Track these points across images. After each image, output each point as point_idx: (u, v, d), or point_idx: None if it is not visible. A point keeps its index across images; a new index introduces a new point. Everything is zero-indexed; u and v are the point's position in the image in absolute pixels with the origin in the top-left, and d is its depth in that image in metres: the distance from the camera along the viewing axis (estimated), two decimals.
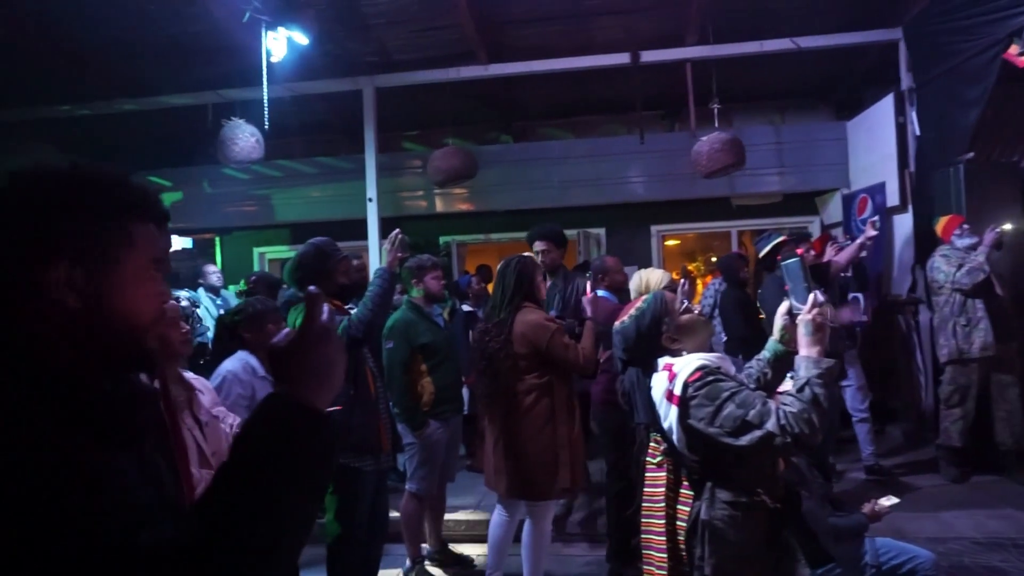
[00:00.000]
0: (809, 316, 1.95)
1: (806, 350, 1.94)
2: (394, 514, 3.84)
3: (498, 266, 3.44)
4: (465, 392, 4.68)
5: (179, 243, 5.00)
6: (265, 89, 5.57)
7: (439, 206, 7.87)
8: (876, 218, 5.43)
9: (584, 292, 3.70)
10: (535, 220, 7.91)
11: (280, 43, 5.38)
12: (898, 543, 2.90)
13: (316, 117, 7.67)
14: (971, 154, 5.29)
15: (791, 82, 7.32)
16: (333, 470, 0.90)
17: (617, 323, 2.32)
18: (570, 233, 7.78)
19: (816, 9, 5.91)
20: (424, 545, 4.01)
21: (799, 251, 4.46)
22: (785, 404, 1.85)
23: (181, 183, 7.93)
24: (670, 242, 8.90)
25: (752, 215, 7.66)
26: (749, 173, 6.84)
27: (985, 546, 3.75)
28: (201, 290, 5.93)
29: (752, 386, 2.15)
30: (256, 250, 8.52)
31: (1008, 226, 5.09)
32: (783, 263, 2.14)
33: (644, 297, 2.30)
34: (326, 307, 0.94)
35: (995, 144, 5.82)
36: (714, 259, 9.09)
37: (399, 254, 3.07)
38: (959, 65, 5.29)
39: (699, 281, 8.64)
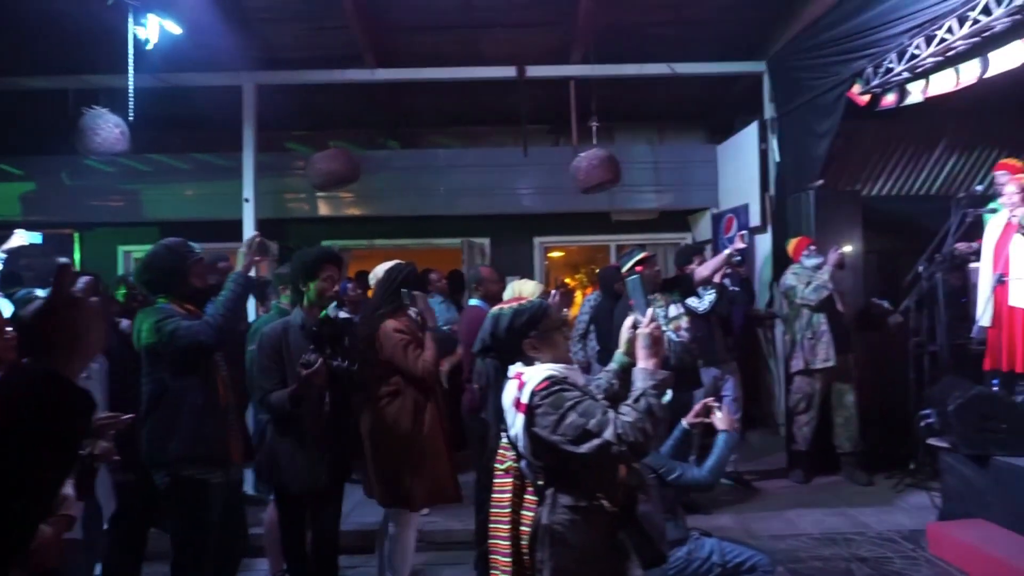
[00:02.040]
0: (647, 330, 2.05)
1: (643, 362, 2.04)
2: (259, 529, 3.71)
3: (374, 273, 3.44)
4: None
5: (25, 238, 4.61)
6: (131, 78, 5.26)
7: (323, 209, 7.70)
8: (744, 232, 5.75)
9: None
10: (421, 227, 7.99)
11: (152, 31, 5.10)
12: (739, 545, 3.08)
13: (194, 111, 7.32)
14: (821, 181, 5.74)
15: (669, 105, 7.68)
16: (81, 438, 0.92)
17: (497, 308, 2.35)
18: (454, 242, 7.87)
19: (693, 38, 6.25)
20: None
21: (639, 268, 4.72)
22: (622, 414, 1.93)
23: (35, 173, 7.35)
24: (553, 254, 9.10)
25: (630, 230, 7.96)
26: (628, 189, 7.12)
27: (821, 541, 4.04)
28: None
29: (601, 397, 2.23)
30: (121, 248, 7.99)
31: (849, 248, 5.54)
32: (627, 279, 2.24)
33: (532, 298, 2.34)
34: (83, 280, 0.94)
35: (841, 173, 6.34)
36: (596, 271, 9.37)
37: (257, 258, 2.98)
38: (813, 99, 5.75)
39: (580, 293, 8.87)
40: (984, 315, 4.83)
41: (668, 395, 2.20)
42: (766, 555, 3.03)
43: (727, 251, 5.18)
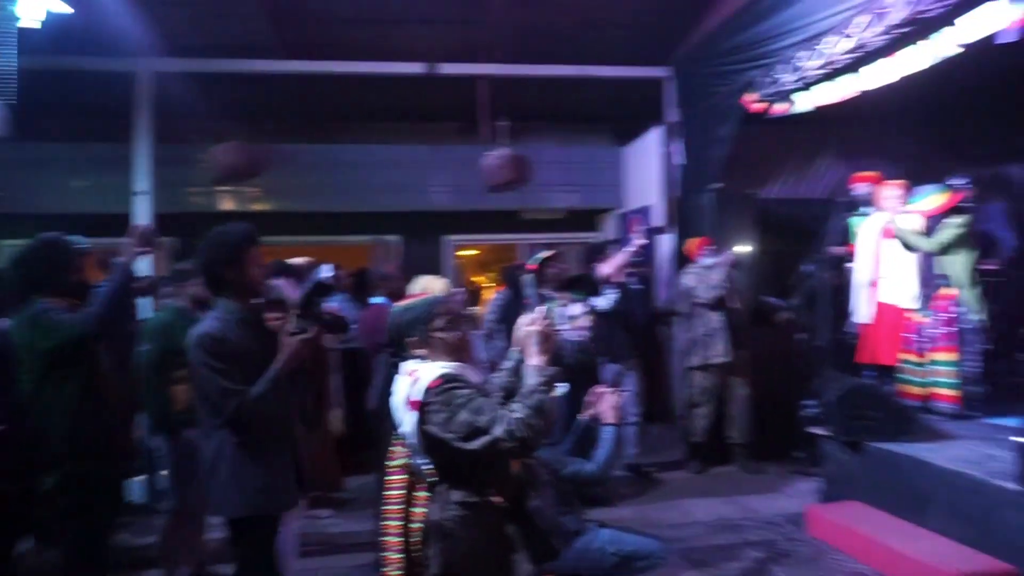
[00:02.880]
0: (536, 327, 2.09)
1: (533, 359, 2.08)
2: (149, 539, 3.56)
3: None
4: None
5: None
6: (15, 59, 4.90)
7: (227, 204, 7.41)
8: (643, 230, 5.92)
9: None
10: (331, 223, 7.83)
11: (37, 9, 4.77)
12: (634, 535, 3.18)
13: (85, 98, 6.88)
14: (720, 184, 5.98)
15: (578, 106, 7.79)
16: None
17: (402, 302, 2.35)
18: (365, 239, 7.75)
19: (602, 42, 6.37)
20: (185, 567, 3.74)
21: (531, 267, 4.82)
22: (513, 410, 1.96)
23: None
24: (464, 252, 9.09)
25: (539, 229, 8.05)
26: (537, 188, 7.20)
27: (714, 528, 4.23)
28: None
29: (498, 394, 2.26)
30: None
31: (745, 248, 5.80)
32: (522, 277, 2.28)
33: (433, 295, 2.34)
34: None
35: (739, 176, 6.60)
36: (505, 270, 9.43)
37: (141, 248, 2.85)
38: (713, 105, 5.98)
39: (490, 291, 8.91)
40: (858, 312, 5.18)
41: (563, 388, 2.24)
42: (660, 543, 3.14)
43: (628, 249, 5.33)
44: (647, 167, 7.07)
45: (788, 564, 3.63)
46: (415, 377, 2.12)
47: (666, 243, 6.72)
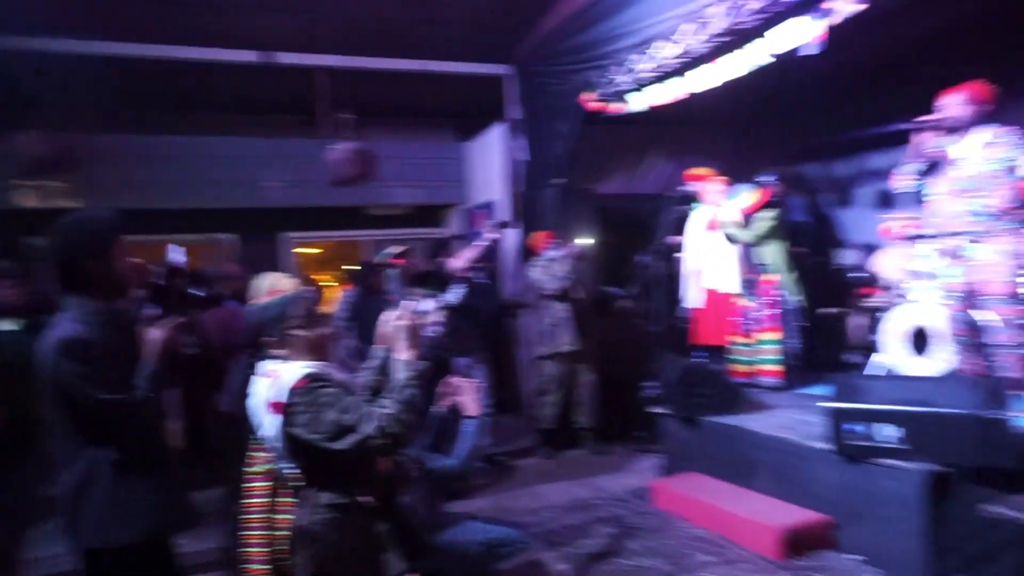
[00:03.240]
0: (403, 322, 2.07)
1: (402, 353, 2.05)
2: None
3: None
4: None
5: None
6: None
7: (31, 200, 6.57)
8: (496, 223, 5.99)
9: None
10: (157, 221, 7.17)
11: None
12: (496, 524, 3.22)
13: None
14: (562, 180, 6.21)
15: (421, 101, 7.73)
16: None
17: (254, 303, 2.19)
18: (196, 238, 7.21)
19: (443, 37, 6.34)
20: None
21: (397, 261, 4.79)
22: (383, 407, 1.92)
23: None
24: (306, 250, 8.74)
25: (385, 225, 7.92)
26: (382, 184, 7.08)
27: (567, 509, 4.39)
28: None
29: (365, 393, 2.19)
30: None
31: (587, 240, 6.06)
32: (387, 272, 2.24)
33: (290, 292, 2.21)
34: None
35: (579, 172, 6.90)
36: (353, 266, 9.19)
37: None
38: (553, 103, 6.18)
39: (333, 289, 8.64)
40: (688, 298, 5.61)
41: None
42: (520, 529, 3.22)
43: (479, 243, 5.39)
44: (491, 163, 7.17)
45: (637, 536, 3.85)
46: (275, 378, 2.01)
47: (511, 237, 6.86)
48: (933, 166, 4.02)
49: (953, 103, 3.91)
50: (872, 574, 3.20)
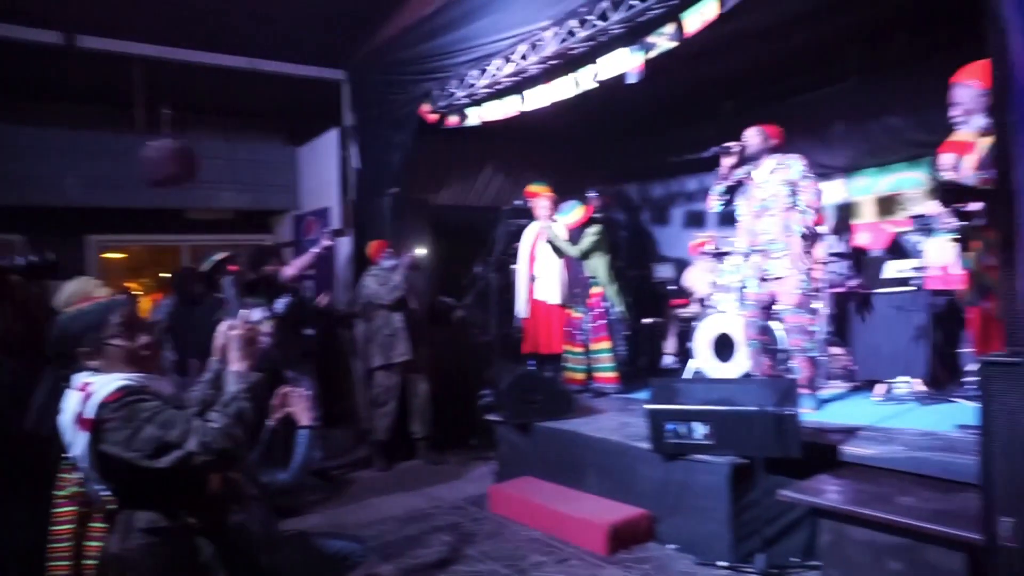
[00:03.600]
0: (238, 331, 1.97)
1: (235, 364, 1.95)
2: None
3: None
4: None
5: None
6: None
7: None
8: (329, 230, 5.81)
9: None
10: None
11: None
12: (332, 539, 3.13)
13: None
14: (396, 189, 6.18)
15: (251, 101, 7.36)
16: None
17: (64, 311, 1.97)
18: None
19: (277, 35, 6.09)
20: None
21: (232, 268, 4.55)
22: (210, 420, 1.82)
23: None
24: (112, 255, 7.95)
25: (206, 230, 7.43)
26: (205, 186, 6.64)
27: (404, 521, 4.35)
28: None
29: (194, 408, 2.05)
30: None
31: (422, 251, 6.07)
32: (222, 280, 2.12)
33: (103, 298, 2.00)
34: None
35: (415, 182, 6.90)
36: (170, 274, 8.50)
37: None
38: (389, 112, 6.14)
39: (149, 298, 7.94)
40: (521, 308, 5.81)
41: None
42: (358, 544, 3.15)
43: (314, 250, 5.23)
44: (324, 169, 6.98)
45: (474, 542, 3.90)
46: (88, 392, 1.82)
47: (345, 246, 6.72)
48: (739, 188, 4.53)
49: (751, 135, 4.47)
50: (686, 560, 3.48)
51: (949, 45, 5.00)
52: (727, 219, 4.86)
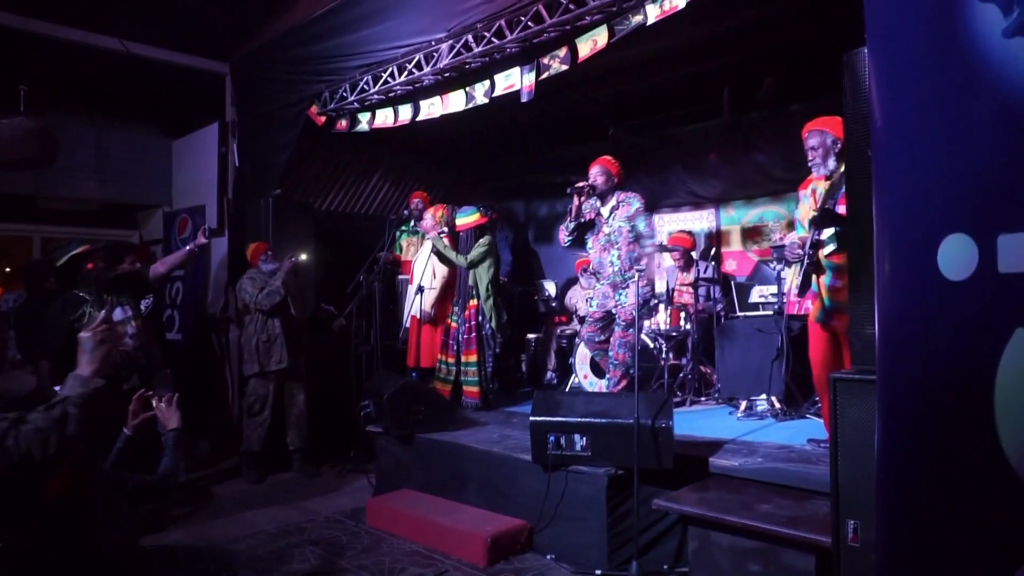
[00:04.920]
0: (89, 332, 1.85)
1: (81, 367, 1.82)
2: None
3: None
4: None
5: None
6: None
7: None
8: (206, 227, 5.51)
9: None
10: None
11: None
12: (199, 557, 2.97)
13: None
14: (279, 191, 5.98)
15: (125, 87, 6.83)
16: None
17: None
18: None
19: (155, 20, 5.71)
20: None
21: (90, 265, 4.23)
22: (26, 423, 1.67)
23: None
24: None
25: (63, 221, 6.83)
26: (65, 173, 6.13)
27: (276, 535, 4.17)
28: None
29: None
30: None
31: (303, 256, 5.90)
32: (82, 275, 1.97)
33: None
34: None
35: (298, 185, 6.71)
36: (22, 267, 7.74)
37: None
38: (275, 111, 5.94)
39: None
40: (404, 318, 5.77)
41: None
42: (226, 559, 3.00)
43: (189, 247, 4.96)
44: (202, 165, 6.63)
45: (350, 556, 3.80)
46: None
47: (220, 246, 6.40)
48: (590, 224, 4.96)
49: (597, 174, 4.91)
50: (564, 570, 3.57)
51: (809, 94, 5.52)
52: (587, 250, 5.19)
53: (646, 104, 6.53)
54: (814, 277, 3.63)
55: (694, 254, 6.21)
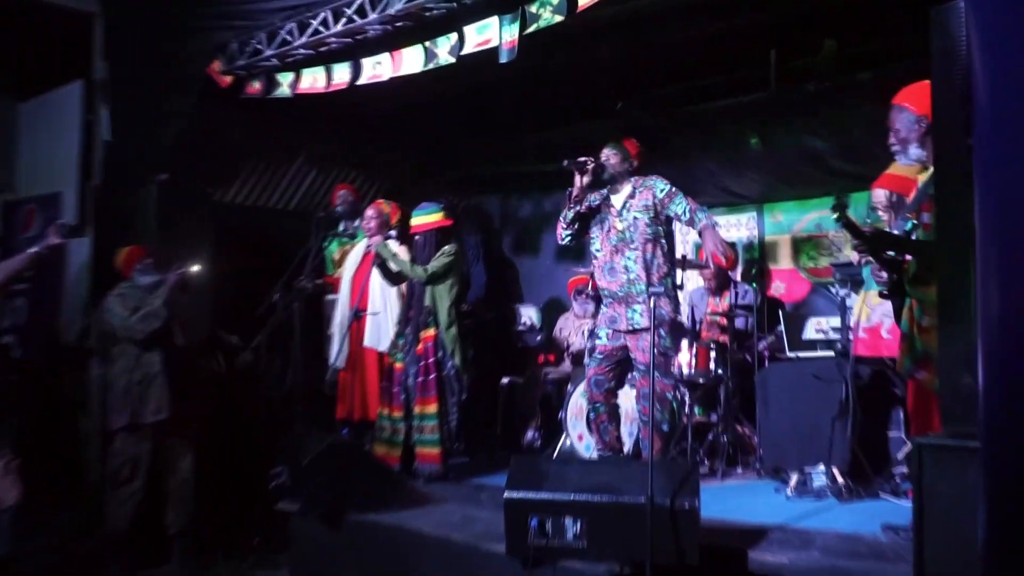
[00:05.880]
0: None
1: None
2: None
3: None
4: None
5: None
6: None
7: None
8: (62, 223, 5.41)
9: None
10: None
11: None
12: None
13: None
14: (167, 175, 5.93)
15: None
16: None
17: None
18: None
19: None
20: None
21: None
22: None
23: None
24: None
25: None
26: None
27: None
28: None
29: None
30: None
31: (197, 266, 5.82)
32: None
33: None
34: None
35: (195, 168, 6.63)
36: None
37: None
38: (165, 67, 5.91)
39: None
40: (340, 356, 5.71)
41: None
42: None
43: (36, 249, 4.88)
44: (59, 138, 6.55)
45: None
46: None
47: (80, 249, 6.30)
48: (595, 216, 4.88)
49: (610, 154, 4.87)
50: None
51: (883, 58, 5.60)
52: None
53: (666, 71, 6.58)
54: (904, 309, 3.63)
55: (730, 273, 6.24)
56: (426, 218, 5.45)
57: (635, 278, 4.70)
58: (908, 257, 3.56)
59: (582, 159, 4.75)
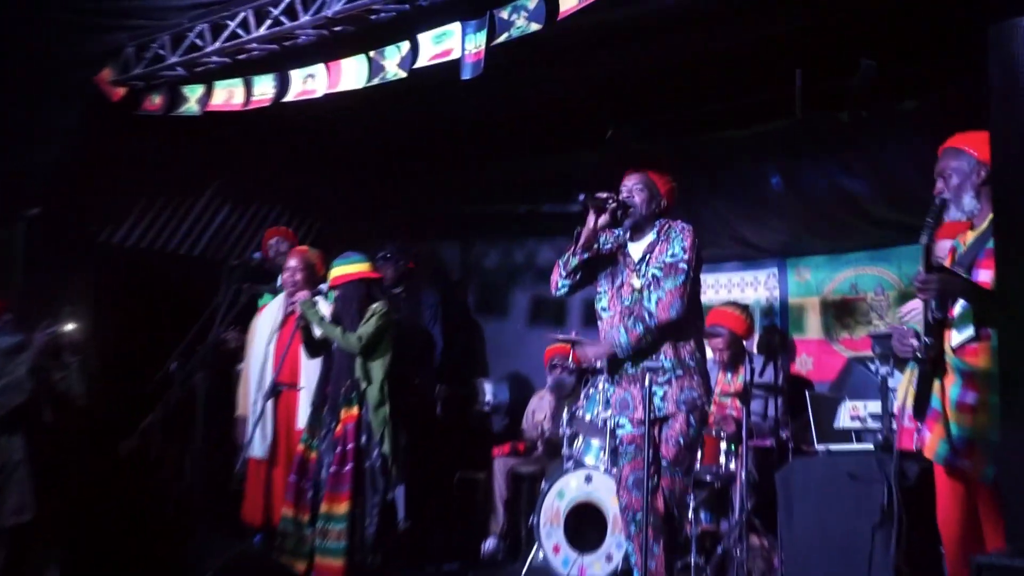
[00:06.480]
0: None
1: None
2: None
3: None
4: None
5: None
6: None
7: None
8: None
9: None
10: None
11: None
12: None
13: None
14: (37, 210, 5.85)
15: None
16: None
17: None
18: None
19: None
20: None
21: None
22: None
23: None
24: None
25: None
26: None
27: None
28: None
29: None
30: None
31: (72, 324, 5.70)
32: None
33: None
34: None
35: (76, 202, 6.55)
36: None
37: None
38: (43, 74, 5.86)
39: None
40: (254, 442, 5.62)
41: None
42: None
43: None
44: None
45: None
46: None
47: None
48: (604, 266, 4.61)
49: (634, 185, 4.54)
50: None
51: (932, 84, 5.65)
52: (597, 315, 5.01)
53: (667, 92, 6.61)
54: (935, 384, 3.60)
55: (746, 343, 6.21)
56: (347, 268, 5.40)
57: (649, 346, 4.40)
58: (953, 315, 3.53)
59: (602, 195, 4.42)
